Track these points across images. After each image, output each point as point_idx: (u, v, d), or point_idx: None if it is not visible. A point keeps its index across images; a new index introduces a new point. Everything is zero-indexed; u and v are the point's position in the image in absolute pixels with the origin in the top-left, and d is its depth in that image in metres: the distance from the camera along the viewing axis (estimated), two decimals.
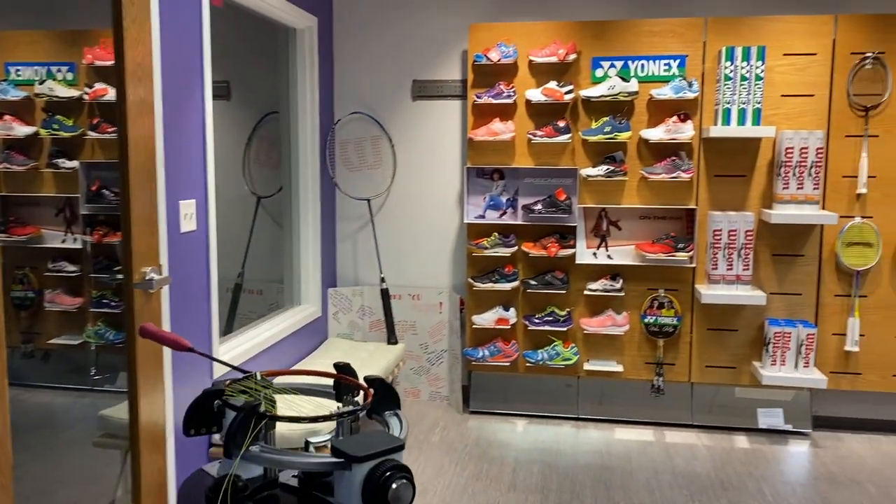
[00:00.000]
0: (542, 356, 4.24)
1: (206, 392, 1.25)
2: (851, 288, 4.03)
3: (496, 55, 4.12)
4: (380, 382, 1.31)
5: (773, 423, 4.11)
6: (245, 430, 1.14)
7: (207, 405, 1.25)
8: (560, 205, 4.14)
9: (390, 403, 1.31)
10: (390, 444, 1.09)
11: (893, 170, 3.94)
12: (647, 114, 4.11)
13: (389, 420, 1.25)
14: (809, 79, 3.96)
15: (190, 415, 1.25)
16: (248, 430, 1.14)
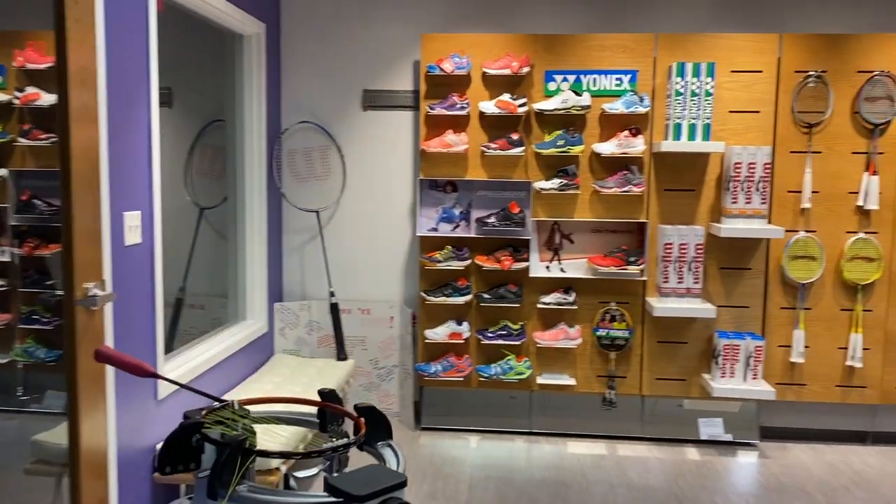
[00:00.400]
0: (496, 370, 4.19)
1: (184, 426, 1.14)
2: (796, 300, 4.12)
3: (450, 66, 4.08)
4: (370, 411, 1.23)
5: (713, 433, 4.16)
6: (232, 468, 1.04)
7: (185, 440, 1.14)
8: (514, 218, 4.11)
9: (382, 433, 1.22)
10: (392, 481, 1.00)
11: (835, 186, 4.06)
12: (599, 128, 4.13)
13: (383, 452, 1.16)
14: (756, 96, 4.05)
15: (166, 451, 1.13)
16: (236, 469, 1.04)
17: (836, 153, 4.04)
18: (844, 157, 4.04)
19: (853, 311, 4.10)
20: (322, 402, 1.28)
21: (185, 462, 1.15)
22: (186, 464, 1.15)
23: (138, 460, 2.78)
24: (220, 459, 1.04)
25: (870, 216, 4.06)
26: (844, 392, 4.14)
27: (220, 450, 1.07)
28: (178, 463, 1.13)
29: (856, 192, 4.05)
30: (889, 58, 3.97)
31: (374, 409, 1.24)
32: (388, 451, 1.19)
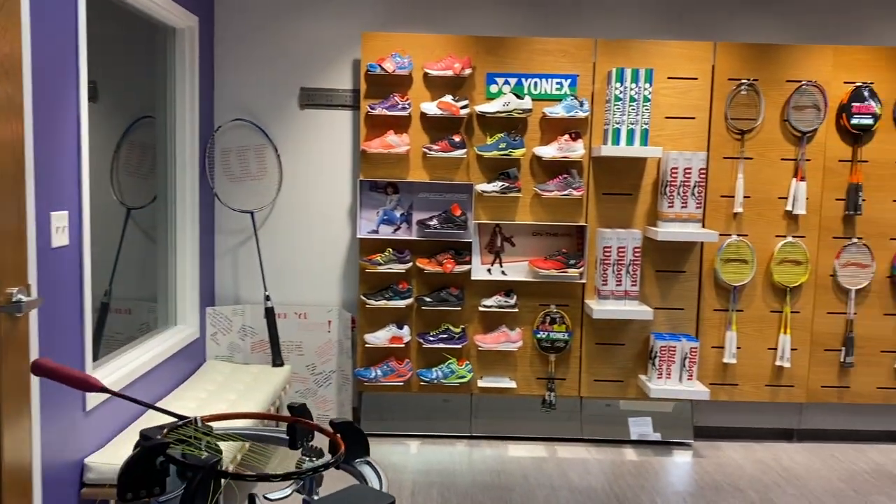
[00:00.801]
0: (437, 374, 4.15)
1: (147, 447, 1.04)
2: (729, 302, 4.23)
3: (391, 66, 4.01)
4: (347, 427, 1.16)
5: (643, 432, 4.22)
6: (205, 494, 0.96)
7: (147, 463, 1.04)
8: (456, 220, 4.07)
9: (359, 450, 1.15)
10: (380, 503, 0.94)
11: (765, 191, 4.19)
12: (539, 131, 4.14)
13: (362, 469, 1.10)
14: (691, 102, 4.14)
15: (127, 476, 1.04)
16: (210, 495, 0.96)
17: (766, 159, 4.17)
18: (774, 163, 4.17)
19: (782, 313, 4.24)
20: (293, 418, 1.21)
21: (148, 487, 1.05)
22: (150, 488, 1.06)
23: (65, 476, 2.61)
24: (192, 485, 0.96)
25: (798, 221, 4.21)
26: (773, 391, 4.28)
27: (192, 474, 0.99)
28: (139, 488, 1.04)
29: (785, 198, 4.19)
30: (816, 68, 4.12)
31: (351, 425, 1.17)
32: (368, 468, 1.13)
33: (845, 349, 4.24)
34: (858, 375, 4.27)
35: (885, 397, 4.29)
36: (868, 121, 4.09)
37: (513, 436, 4.27)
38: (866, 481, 3.83)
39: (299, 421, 1.20)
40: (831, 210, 4.20)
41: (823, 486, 3.75)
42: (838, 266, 4.21)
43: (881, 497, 3.63)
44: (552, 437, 4.28)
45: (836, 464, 4.05)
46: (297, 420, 1.21)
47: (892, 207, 4.19)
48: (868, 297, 4.24)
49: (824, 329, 4.25)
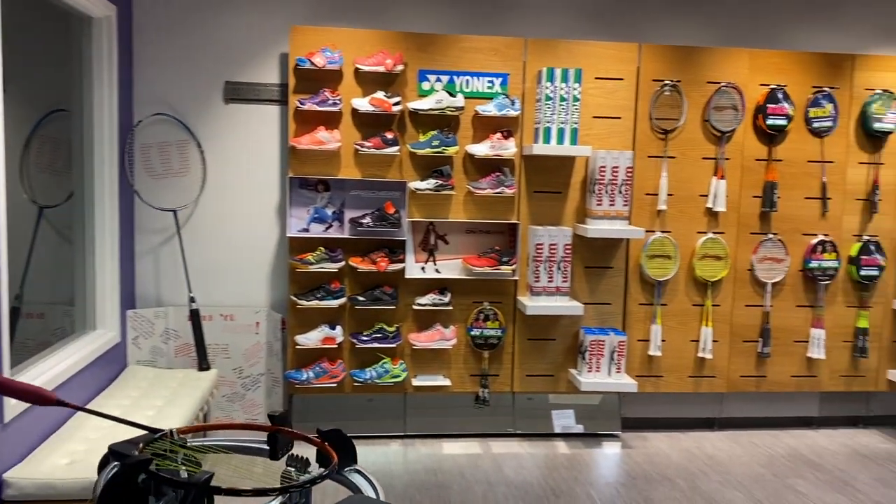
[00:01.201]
0: (371, 374, 4.10)
1: (128, 464, 0.97)
2: (654, 297, 4.36)
3: (321, 60, 3.93)
4: (335, 435, 1.11)
5: (566, 424, 4.30)
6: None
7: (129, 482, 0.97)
8: (389, 218, 4.03)
9: (348, 459, 1.11)
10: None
11: (687, 189, 4.33)
12: (472, 129, 4.15)
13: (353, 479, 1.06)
14: (617, 102, 4.24)
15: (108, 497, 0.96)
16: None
17: (688, 158, 4.32)
18: (696, 162, 4.32)
19: (704, 307, 4.40)
20: (274, 427, 1.15)
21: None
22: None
23: None
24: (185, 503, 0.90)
25: (718, 217, 4.37)
26: (696, 382, 4.44)
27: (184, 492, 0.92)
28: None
29: (706, 195, 4.35)
30: (734, 70, 4.29)
31: (339, 432, 1.13)
32: (359, 477, 1.09)
33: (762, 340, 4.44)
34: (774, 365, 4.48)
35: (797, 385, 4.52)
36: (782, 121, 4.29)
37: (447, 433, 4.27)
38: (784, 465, 4.02)
39: (283, 431, 1.15)
40: (749, 207, 4.39)
41: (745, 472, 3.91)
42: (755, 261, 4.40)
43: (798, 480, 3.83)
44: (486, 434, 4.30)
45: (755, 450, 4.24)
46: (280, 430, 1.15)
47: (804, 204, 4.42)
48: (783, 290, 4.45)
49: (743, 321, 4.44)
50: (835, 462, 4.08)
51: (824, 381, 4.53)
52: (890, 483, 3.82)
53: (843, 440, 4.44)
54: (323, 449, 1.10)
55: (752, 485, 3.75)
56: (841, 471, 3.96)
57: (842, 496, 3.64)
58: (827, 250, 4.41)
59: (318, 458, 1.10)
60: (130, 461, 0.96)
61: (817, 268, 4.41)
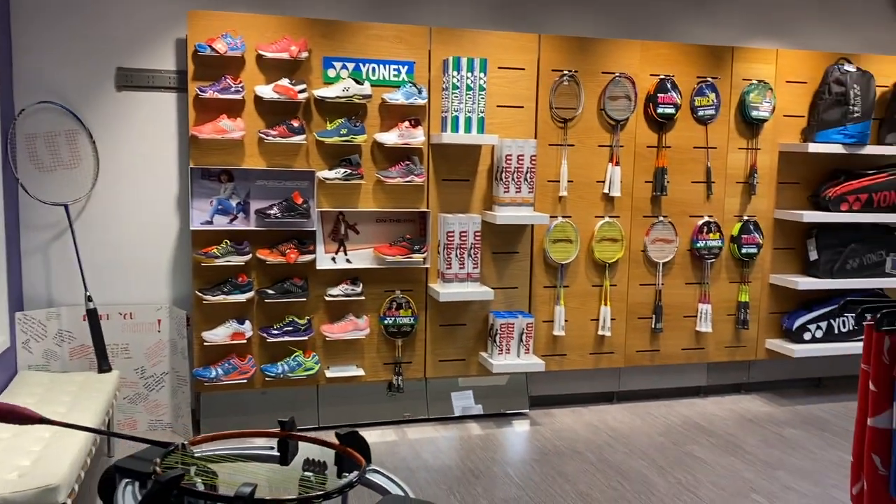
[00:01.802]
0: (283, 368, 4.04)
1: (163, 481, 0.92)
2: (557, 279, 4.53)
3: (222, 46, 3.80)
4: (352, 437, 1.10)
5: (465, 405, 4.41)
6: None
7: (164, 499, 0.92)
8: (298, 209, 3.97)
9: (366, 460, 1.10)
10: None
11: (586, 175, 4.52)
12: (379, 118, 4.14)
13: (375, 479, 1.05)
14: (519, 91, 4.35)
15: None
16: None
17: (586, 146, 4.50)
18: (593, 149, 4.51)
19: (602, 287, 4.62)
20: (284, 433, 1.13)
21: None
22: None
23: None
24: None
25: (614, 202, 4.59)
26: (597, 358, 4.66)
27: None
28: None
29: (602, 181, 4.55)
30: (626, 61, 4.50)
31: (356, 434, 1.12)
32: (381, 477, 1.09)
33: (655, 316, 4.71)
34: (666, 339, 4.77)
35: (687, 357, 4.84)
36: (671, 110, 4.54)
37: (362, 422, 4.27)
38: (680, 433, 4.30)
39: (294, 436, 1.13)
40: (641, 192, 4.63)
41: (646, 442, 4.16)
42: (648, 242, 4.66)
43: (695, 446, 4.11)
44: (401, 420, 4.34)
45: (652, 420, 4.51)
46: (290, 435, 1.13)
47: (691, 188, 4.71)
48: (673, 269, 4.74)
49: (638, 299, 4.70)
50: (724, 427, 4.41)
51: (711, 352, 4.88)
52: (773, 443, 4.17)
53: (730, 406, 4.80)
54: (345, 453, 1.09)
55: (654, 453, 4.00)
56: (731, 435, 4.29)
57: (734, 458, 3.95)
58: (712, 231, 4.73)
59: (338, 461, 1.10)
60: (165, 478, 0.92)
61: (703, 247, 4.73)
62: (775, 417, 4.60)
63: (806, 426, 4.46)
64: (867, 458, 2.31)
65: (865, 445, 2.33)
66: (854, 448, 2.41)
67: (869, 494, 2.31)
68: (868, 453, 2.30)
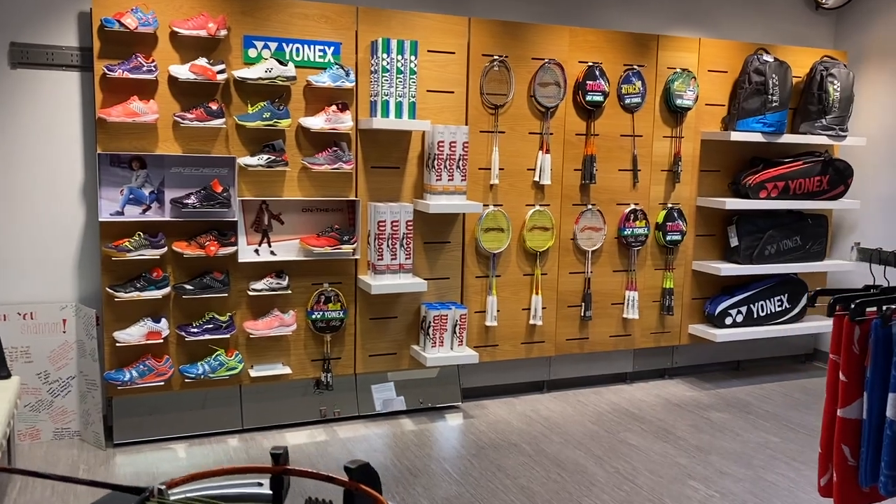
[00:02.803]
0: (203, 369, 3.78)
1: None
2: (489, 269, 4.44)
3: (132, 22, 3.49)
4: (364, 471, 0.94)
5: (386, 398, 4.28)
6: None
7: None
8: (218, 198, 3.71)
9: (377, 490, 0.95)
10: None
11: (516, 163, 4.44)
12: (304, 101, 3.92)
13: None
14: (450, 76, 4.22)
15: None
16: None
17: (517, 133, 4.42)
18: (524, 136, 4.43)
19: (534, 276, 4.56)
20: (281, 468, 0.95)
21: None
22: None
23: None
24: None
25: (544, 190, 4.54)
26: (528, 348, 4.61)
27: None
28: None
29: (533, 169, 4.48)
30: (556, 47, 4.44)
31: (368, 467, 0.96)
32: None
33: (584, 304, 4.70)
34: (595, 327, 4.78)
35: (615, 344, 4.86)
36: (599, 98, 4.52)
37: (289, 422, 4.07)
38: (612, 420, 4.31)
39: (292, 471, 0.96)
40: (571, 179, 4.59)
41: (580, 430, 4.14)
42: (577, 230, 4.64)
43: (628, 433, 4.12)
44: (331, 419, 4.16)
45: (583, 408, 4.50)
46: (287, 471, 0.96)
47: (618, 176, 4.71)
48: (601, 256, 4.74)
49: (568, 288, 4.67)
50: (653, 413, 4.45)
51: (637, 338, 4.92)
52: (702, 428, 4.24)
53: (656, 391, 4.85)
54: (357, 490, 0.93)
55: (590, 442, 3.98)
56: (660, 420, 4.33)
57: (667, 444, 3.98)
58: (638, 218, 4.75)
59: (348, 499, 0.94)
60: None
61: (630, 235, 4.75)
62: (700, 401, 4.68)
63: (730, 409, 4.56)
64: (837, 448, 2.32)
65: (835, 436, 2.33)
66: (822, 439, 2.41)
67: (838, 485, 2.32)
68: (838, 444, 2.31)
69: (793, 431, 4.21)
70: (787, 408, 4.60)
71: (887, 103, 5.15)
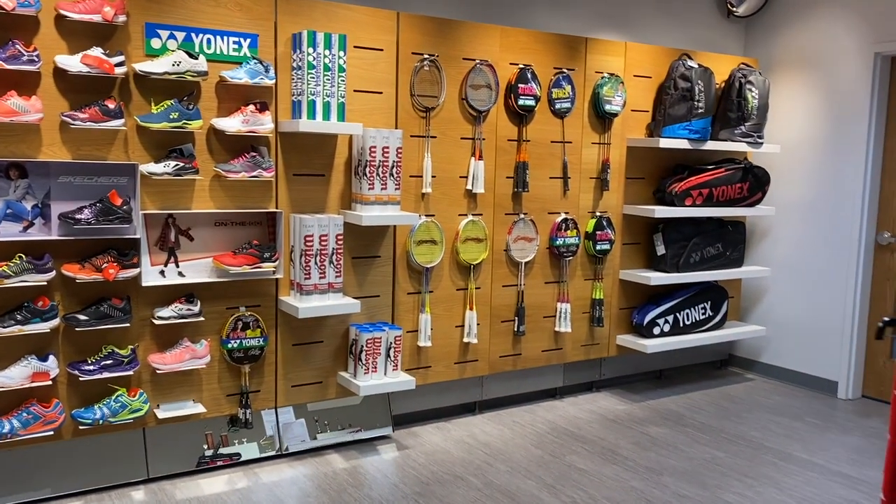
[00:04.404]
0: (102, 412, 3.22)
1: None
2: (421, 285, 4.11)
3: (8, 2, 2.89)
4: None
5: (296, 433, 3.85)
6: None
7: None
8: (116, 212, 3.16)
9: None
10: None
11: (448, 170, 4.13)
12: (216, 100, 3.43)
13: None
14: (379, 75, 3.85)
15: None
16: None
17: (449, 138, 4.11)
18: (455, 142, 4.13)
19: (467, 290, 4.27)
20: None
21: None
22: None
23: None
24: None
25: (477, 199, 4.25)
26: (462, 368, 4.31)
27: None
28: None
29: (465, 177, 4.19)
30: (486, 47, 4.16)
31: None
32: None
33: (518, 319, 4.46)
34: (527, 342, 4.54)
35: (547, 359, 4.65)
36: (531, 102, 4.29)
37: (203, 468, 3.55)
38: (554, 442, 4.08)
39: None
40: (503, 188, 4.34)
41: (524, 456, 3.88)
42: (511, 241, 4.39)
43: (573, 456, 3.90)
44: (250, 460, 3.68)
45: (520, 429, 4.25)
46: None
47: (549, 184, 4.50)
48: (533, 268, 4.51)
49: (501, 302, 4.41)
50: (592, 431, 4.26)
51: (568, 352, 4.73)
52: (645, 445, 4.09)
53: (588, 406, 4.68)
54: None
55: (537, 469, 3.73)
56: (601, 439, 4.14)
57: (616, 466, 3.79)
58: (570, 227, 4.57)
59: None
60: None
61: (562, 245, 4.55)
62: (634, 415, 4.55)
63: (666, 422, 4.45)
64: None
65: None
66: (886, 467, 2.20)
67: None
68: None
69: (733, 444, 4.14)
70: (719, 418, 4.55)
71: (796, 111, 5.25)
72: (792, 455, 4.00)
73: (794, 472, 3.77)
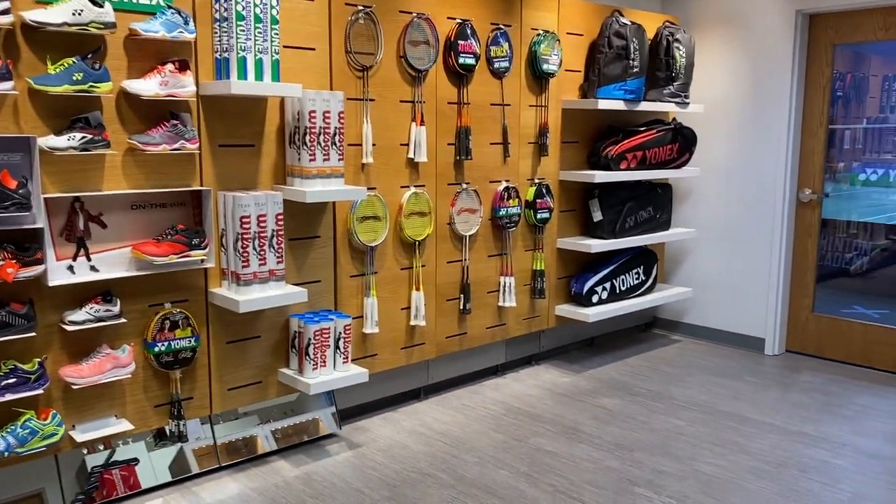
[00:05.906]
0: (7, 442, 2.64)
1: None
2: (365, 266, 3.71)
3: None
4: None
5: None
6: None
7: None
8: (11, 196, 2.55)
9: None
10: None
11: (389, 137, 3.73)
12: (125, 58, 2.86)
13: None
14: (310, 29, 3.38)
15: None
16: None
17: (388, 101, 3.70)
18: (395, 105, 3.73)
19: (412, 269, 3.92)
20: None
21: None
22: None
23: None
24: None
25: (419, 169, 3.88)
26: (409, 353, 3.97)
27: None
28: None
29: (406, 144, 3.81)
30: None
31: None
32: None
33: (464, 296, 4.16)
34: (472, 319, 4.26)
35: (492, 336, 4.39)
36: (471, 60, 3.95)
37: (136, 492, 3.03)
38: (512, 424, 3.85)
39: None
40: (445, 156, 4.00)
41: (488, 443, 3.62)
42: (454, 214, 4.06)
43: (538, 438, 3.68)
44: (185, 477, 3.19)
45: (473, 413, 3.99)
46: None
47: (491, 150, 4.20)
48: (476, 241, 4.22)
49: (446, 279, 4.10)
50: (546, 408, 4.06)
51: (511, 327, 4.50)
52: (604, 419, 3.94)
53: (531, 381, 4.48)
54: None
55: (506, 456, 3.48)
56: (559, 416, 3.95)
57: (585, 446, 3.61)
58: (511, 197, 4.30)
59: None
60: None
61: (505, 215, 4.28)
62: (581, 387, 4.40)
63: (616, 393, 4.33)
64: None
65: None
66: None
67: None
68: None
69: (688, 411, 4.07)
70: (664, 383, 4.49)
71: (717, 70, 5.22)
72: (747, 418, 3.97)
73: (755, 436, 3.73)
